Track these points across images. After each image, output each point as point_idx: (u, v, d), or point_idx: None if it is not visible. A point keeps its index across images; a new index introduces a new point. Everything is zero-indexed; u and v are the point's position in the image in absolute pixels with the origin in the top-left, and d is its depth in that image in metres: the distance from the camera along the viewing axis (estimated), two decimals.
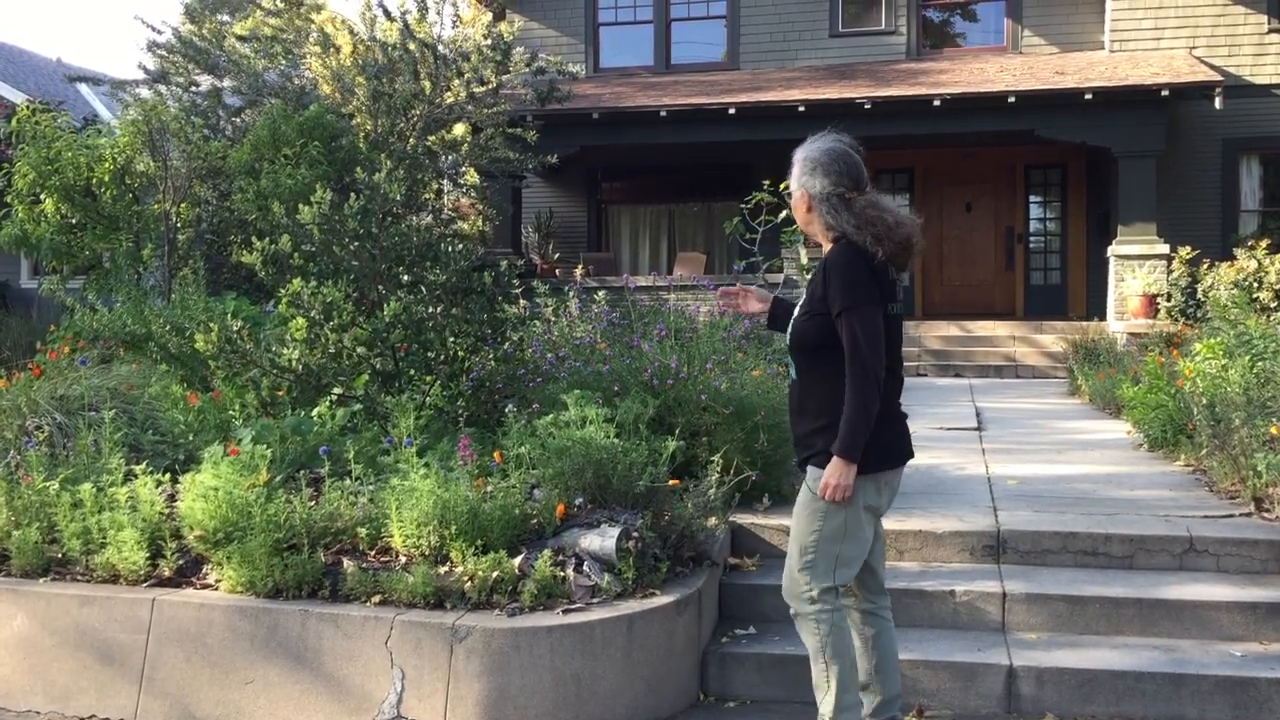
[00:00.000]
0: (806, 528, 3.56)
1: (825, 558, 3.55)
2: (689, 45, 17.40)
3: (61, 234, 10.62)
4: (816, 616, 3.56)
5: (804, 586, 3.57)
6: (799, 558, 3.58)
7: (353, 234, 6.01)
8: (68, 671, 4.50)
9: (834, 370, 3.50)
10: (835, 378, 3.49)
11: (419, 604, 4.29)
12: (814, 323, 3.55)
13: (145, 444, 5.61)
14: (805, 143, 3.69)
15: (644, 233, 18.31)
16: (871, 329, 3.45)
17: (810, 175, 3.61)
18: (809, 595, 3.56)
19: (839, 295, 3.48)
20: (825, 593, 3.56)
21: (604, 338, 7.30)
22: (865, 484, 3.53)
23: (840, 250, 3.55)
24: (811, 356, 3.60)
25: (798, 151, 3.67)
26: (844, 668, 3.58)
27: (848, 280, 3.48)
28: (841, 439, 3.45)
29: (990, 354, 14.03)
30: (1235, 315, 8.17)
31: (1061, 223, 16.67)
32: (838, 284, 3.48)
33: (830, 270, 3.52)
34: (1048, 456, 7.25)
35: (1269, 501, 5.47)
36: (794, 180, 3.65)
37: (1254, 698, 4.17)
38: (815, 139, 3.68)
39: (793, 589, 3.62)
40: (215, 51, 14.14)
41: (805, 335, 3.59)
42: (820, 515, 3.53)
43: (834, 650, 3.57)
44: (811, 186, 3.60)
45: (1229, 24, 15.01)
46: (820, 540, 3.55)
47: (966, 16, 16.93)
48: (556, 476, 4.84)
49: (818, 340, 3.55)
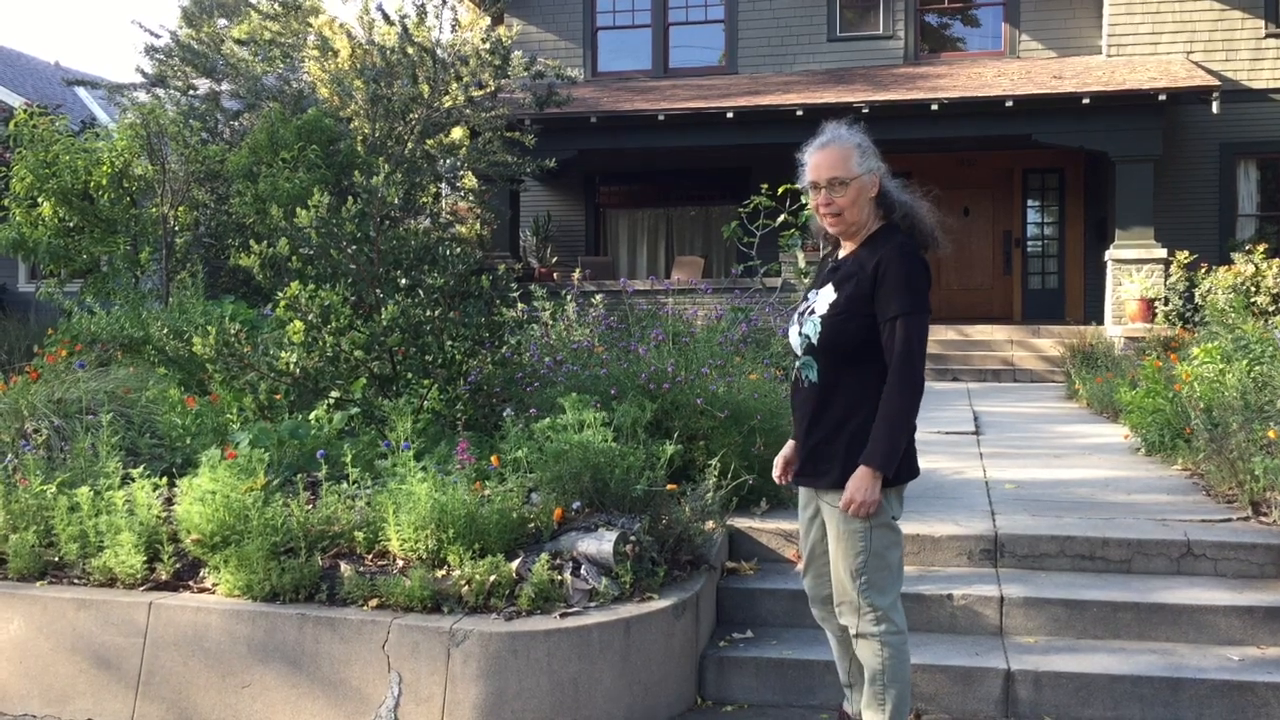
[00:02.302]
0: (853, 554, 3.39)
1: (878, 571, 3.42)
2: (687, 49, 17.42)
3: (59, 237, 10.63)
4: (882, 638, 3.43)
5: (867, 608, 3.42)
6: (852, 582, 3.41)
7: (350, 237, 6.01)
8: (64, 675, 4.49)
9: (866, 376, 3.34)
10: (869, 385, 3.33)
11: (416, 608, 4.28)
12: (856, 324, 3.34)
13: (142, 447, 5.60)
14: (835, 129, 3.49)
15: (642, 237, 18.31)
16: (925, 336, 3.31)
17: (875, 158, 3.44)
18: (874, 615, 3.42)
19: (899, 297, 3.28)
20: (893, 608, 3.44)
21: (601, 342, 7.31)
22: (891, 496, 3.43)
23: (901, 249, 3.36)
24: (844, 360, 3.38)
25: (840, 139, 3.45)
26: (901, 693, 3.46)
27: (912, 283, 3.30)
28: (880, 452, 3.27)
29: (988, 358, 14.03)
30: (1232, 319, 8.18)
31: (1059, 227, 16.68)
32: (900, 285, 3.29)
33: (890, 269, 3.31)
34: (1045, 461, 7.25)
35: (1266, 505, 5.46)
36: (854, 164, 3.38)
37: (1251, 702, 4.17)
38: (838, 126, 3.50)
39: (855, 612, 3.45)
40: (213, 55, 14.14)
41: (844, 337, 3.36)
42: (862, 537, 3.38)
43: (893, 674, 3.45)
44: (879, 169, 3.44)
45: (1226, 28, 15.04)
46: (869, 558, 3.41)
47: (964, 21, 16.96)
48: (554, 480, 4.84)
49: (855, 342, 3.35)
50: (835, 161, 3.41)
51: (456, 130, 14.18)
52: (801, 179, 3.54)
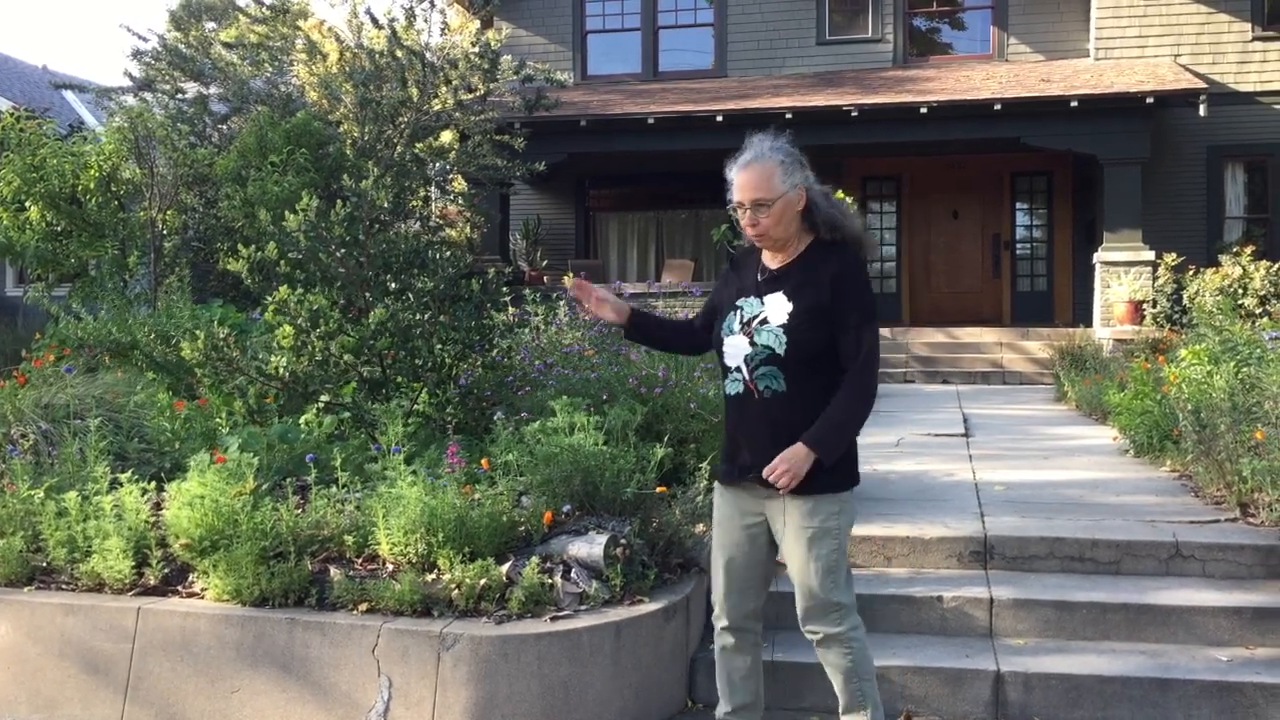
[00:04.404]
0: (825, 553, 3.41)
1: (843, 570, 3.49)
2: (677, 53, 17.43)
3: (47, 241, 10.59)
4: (850, 634, 3.47)
5: (834, 609, 3.45)
6: (822, 580, 3.42)
7: (340, 241, 6.00)
8: (52, 681, 4.47)
9: (829, 383, 3.38)
10: (830, 391, 3.38)
11: (406, 612, 4.27)
12: (817, 334, 3.38)
13: (131, 452, 5.58)
14: (759, 145, 3.45)
15: (632, 240, 18.32)
16: (879, 343, 3.40)
17: (801, 170, 3.45)
18: (840, 614, 3.46)
19: (859, 306, 3.37)
20: (854, 605, 3.51)
21: (592, 345, 7.30)
22: (851, 500, 3.50)
23: (853, 258, 3.44)
24: (806, 369, 3.39)
25: (763, 156, 3.42)
26: (873, 686, 3.53)
27: (867, 294, 3.40)
28: (827, 441, 3.33)
29: (977, 360, 14.06)
30: (1220, 321, 8.21)
31: (1048, 230, 16.73)
32: (858, 294, 3.38)
33: (848, 279, 3.39)
34: (1035, 462, 7.27)
35: (1254, 506, 5.49)
36: (778, 181, 3.39)
37: (1240, 702, 4.18)
38: (764, 138, 3.48)
39: (823, 614, 3.47)
40: (201, 59, 14.12)
41: (812, 346, 3.38)
42: (835, 535, 3.42)
43: (865, 669, 3.50)
44: (807, 181, 3.46)
45: (1213, 31, 15.10)
46: (839, 557, 3.46)
47: (953, 25, 17.01)
48: (544, 484, 4.83)
49: (817, 350, 3.38)
50: (758, 182, 3.41)
51: (446, 134, 14.17)
52: (728, 195, 3.52)
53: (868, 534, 5.26)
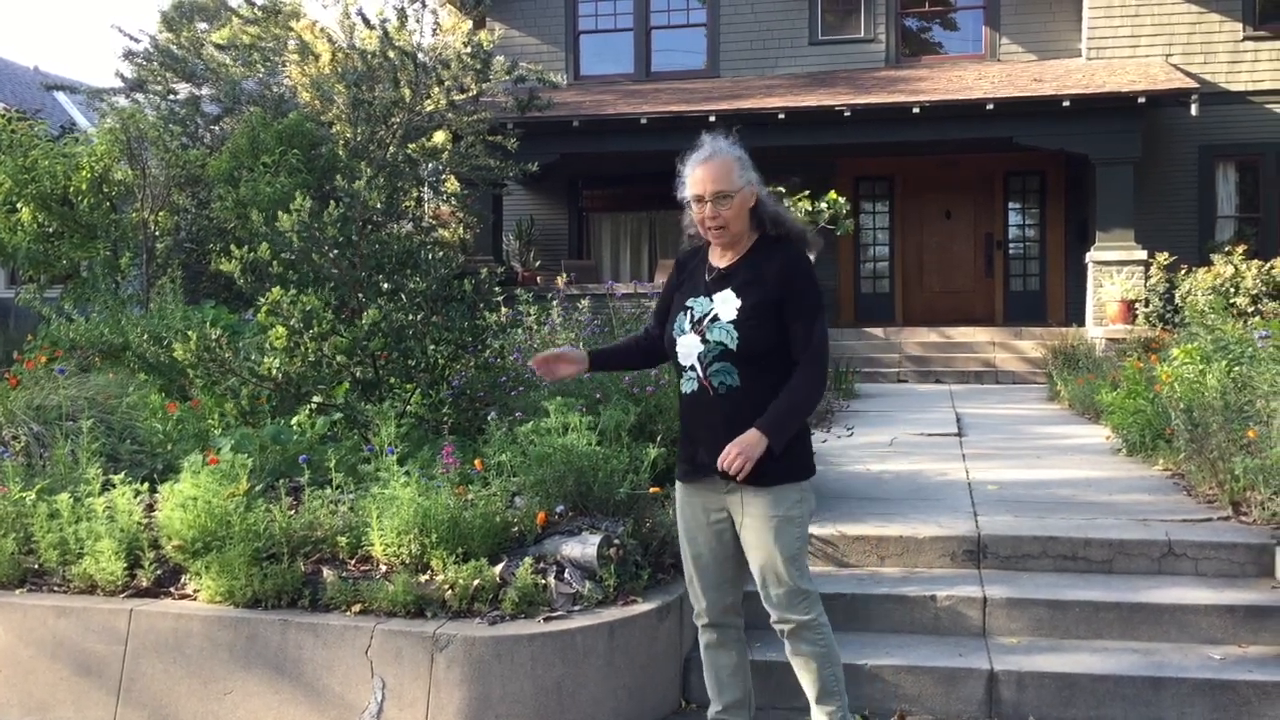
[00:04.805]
0: (790, 541, 3.47)
1: (805, 559, 3.58)
2: (669, 53, 17.43)
3: (38, 243, 10.56)
4: (817, 621, 3.54)
5: (803, 596, 3.51)
6: (789, 569, 3.48)
7: (332, 242, 5.99)
8: (45, 683, 4.45)
9: (779, 378, 3.43)
10: (781, 386, 3.42)
11: (399, 613, 4.27)
12: (768, 329, 3.43)
13: (123, 454, 5.57)
14: (714, 142, 3.54)
15: (625, 240, 18.32)
16: (827, 335, 3.48)
17: (752, 169, 3.55)
18: (807, 602, 3.52)
19: (809, 298, 3.45)
20: (817, 595, 3.58)
21: (586, 345, 7.29)
22: (809, 490, 3.55)
23: (798, 253, 3.53)
24: (758, 364, 3.44)
25: (721, 151, 3.51)
26: (842, 670, 3.61)
27: (815, 287, 3.49)
28: (780, 426, 3.37)
29: (970, 360, 14.08)
30: (1212, 320, 8.22)
31: (1040, 229, 16.75)
32: (807, 286, 3.46)
33: (796, 273, 3.46)
34: (1027, 462, 7.28)
35: (1246, 505, 5.50)
36: (736, 177, 3.47)
37: (1233, 700, 4.19)
38: (717, 139, 3.57)
39: (792, 602, 3.51)
40: (193, 59, 14.09)
41: (764, 342, 3.43)
42: (798, 523, 3.50)
43: (833, 655, 3.58)
44: (756, 181, 3.55)
45: (1205, 31, 15.14)
46: (802, 545, 3.55)
47: (945, 25, 17.02)
48: (538, 484, 4.83)
49: (768, 346, 3.43)
50: (720, 175, 3.47)
51: (438, 134, 14.16)
52: (680, 192, 3.57)
53: (861, 533, 5.27)
